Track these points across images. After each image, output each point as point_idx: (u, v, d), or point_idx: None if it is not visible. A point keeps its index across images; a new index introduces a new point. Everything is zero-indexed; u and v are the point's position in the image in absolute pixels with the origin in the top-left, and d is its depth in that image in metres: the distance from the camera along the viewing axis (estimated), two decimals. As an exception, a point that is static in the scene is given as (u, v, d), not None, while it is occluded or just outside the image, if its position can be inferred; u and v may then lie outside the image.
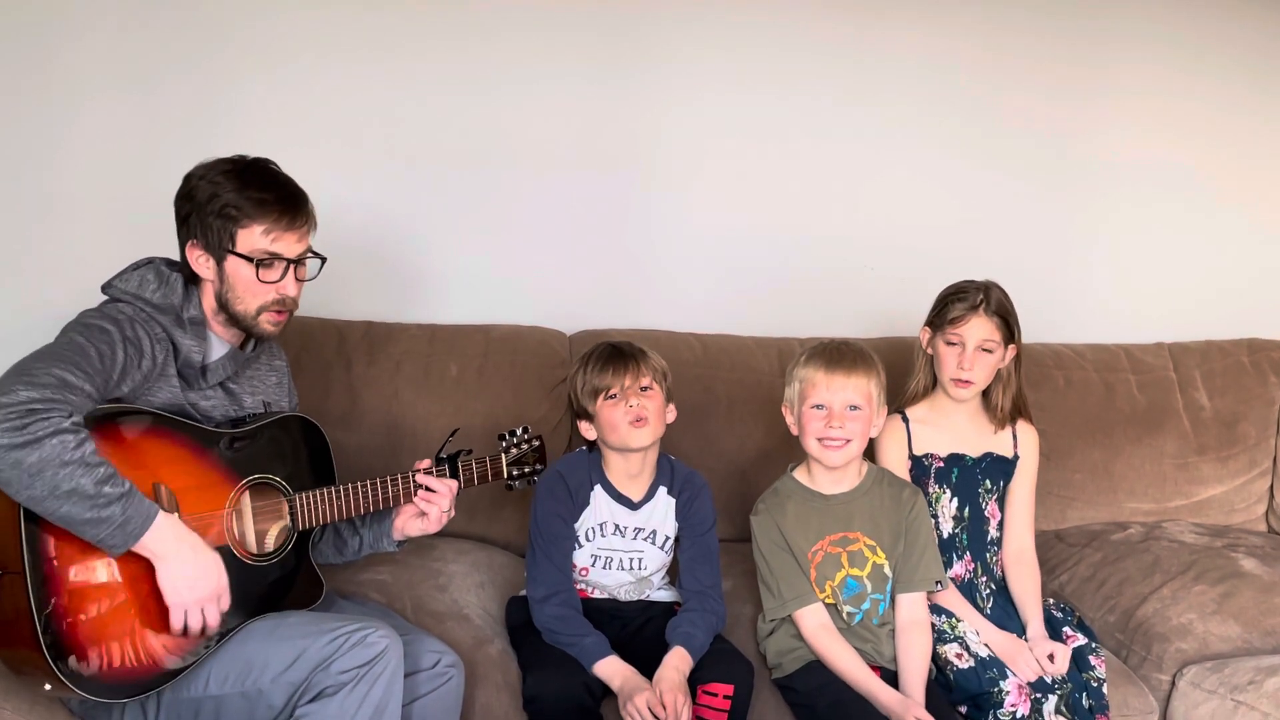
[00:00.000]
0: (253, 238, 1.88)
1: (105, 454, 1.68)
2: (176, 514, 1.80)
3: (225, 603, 1.82)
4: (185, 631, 1.78)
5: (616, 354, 2.28)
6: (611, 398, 2.24)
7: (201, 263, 1.91)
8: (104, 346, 1.76)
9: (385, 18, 2.78)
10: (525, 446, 2.31)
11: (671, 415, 2.33)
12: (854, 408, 2.23)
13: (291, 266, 1.93)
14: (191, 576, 1.76)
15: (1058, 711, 2.17)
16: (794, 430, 2.32)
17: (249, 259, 1.88)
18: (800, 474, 2.35)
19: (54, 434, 1.61)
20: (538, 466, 2.33)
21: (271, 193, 1.89)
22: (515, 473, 2.30)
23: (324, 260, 2.00)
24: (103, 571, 1.72)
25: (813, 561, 2.26)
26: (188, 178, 1.91)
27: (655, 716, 2.01)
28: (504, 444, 2.29)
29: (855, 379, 2.23)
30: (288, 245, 1.91)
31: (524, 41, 2.87)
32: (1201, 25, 3.27)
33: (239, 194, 1.86)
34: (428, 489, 2.11)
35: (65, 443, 1.62)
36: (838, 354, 2.25)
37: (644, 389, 2.25)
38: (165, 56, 2.67)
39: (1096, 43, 3.22)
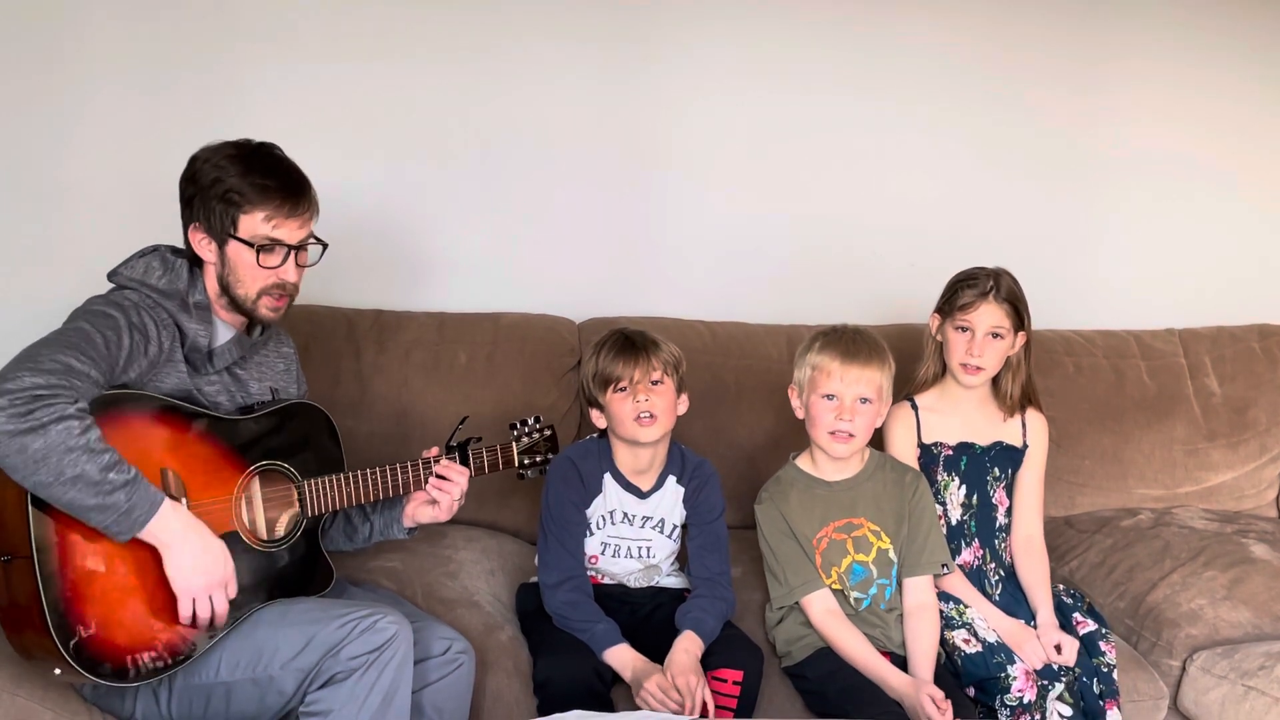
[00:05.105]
0: (254, 223, 1.89)
1: (113, 440, 1.69)
2: (184, 500, 1.81)
3: (232, 590, 1.82)
4: (194, 620, 1.78)
5: (629, 345, 2.26)
6: (621, 390, 2.23)
7: (204, 245, 1.92)
8: (110, 333, 1.77)
9: (395, 4, 2.77)
10: (537, 435, 2.31)
11: (684, 406, 2.32)
12: (864, 400, 2.22)
13: (292, 252, 1.94)
14: (199, 564, 1.77)
15: (1059, 698, 2.17)
16: (799, 414, 2.31)
17: (250, 244, 1.89)
18: (803, 461, 2.35)
19: (59, 420, 1.62)
20: (549, 456, 2.33)
21: (274, 179, 1.90)
22: (526, 461, 2.29)
23: (325, 246, 2.01)
24: (112, 556, 1.73)
25: (818, 548, 2.26)
26: (193, 160, 1.92)
27: (670, 699, 2.01)
28: (515, 433, 2.29)
29: (869, 371, 2.21)
30: (289, 232, 1.92)
31: (534, 28, 2.86)
32: (1211, 15, 3.24)
33: (242, 179, 1.87)
34: (441, 476, 2.11)
35: (70, 429, 1.62)
36: (853, 344, 2.23)
37: (655, 382, 2.23)
38: (175, 45, 2.67)
39: (1106, 31, 3.19)
